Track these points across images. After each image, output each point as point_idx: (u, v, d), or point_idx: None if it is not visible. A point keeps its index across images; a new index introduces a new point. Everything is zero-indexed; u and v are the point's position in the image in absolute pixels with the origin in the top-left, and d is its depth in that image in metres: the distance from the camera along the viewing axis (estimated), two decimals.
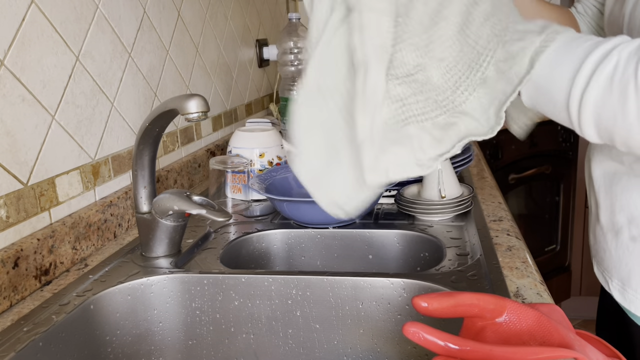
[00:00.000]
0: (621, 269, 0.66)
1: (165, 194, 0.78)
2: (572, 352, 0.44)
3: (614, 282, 0.68)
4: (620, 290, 0.67)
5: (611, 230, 0.67)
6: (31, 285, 0.72)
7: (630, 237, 0.64)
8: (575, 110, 0.45)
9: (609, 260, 0.68)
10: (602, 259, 0.70)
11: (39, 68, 0.76)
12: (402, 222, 0.92)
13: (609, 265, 0.69)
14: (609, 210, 0.68)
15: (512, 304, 0.49)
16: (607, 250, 0.69)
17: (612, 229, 0.67)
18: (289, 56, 1.49)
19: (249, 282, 0.74)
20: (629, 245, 0.64)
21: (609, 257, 0.68)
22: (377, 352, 0.73)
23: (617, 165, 0.67)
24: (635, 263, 0.64)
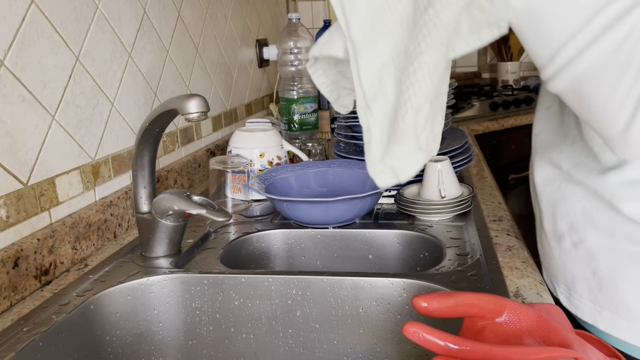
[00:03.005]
0: (566, 275, 0.66)
1: (165, 194, 0.78)
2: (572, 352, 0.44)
3: (561, 287, 0.68)
4: (566, 295, 0.67)
5: (554, 236, 0.67)
6: (31, 285, 0.72)
7: (571, 243, 0.64)
8: (560, 64, 0.43)
9: (555, 266, 0.68)
10: (548, 265, 0.70)
11: (39, 68, 0.76)
12: (402, 222, 0.92)
13: (555, 271, 0.69)
14: (551, 217, 0.67)
15: (512, 304, 0.49)
16: (552, 256, 0.68)
17: (555, 235, 0.67)
18: (289, 56, 1.49)
19: (249, 282, 0.74)
20: (571, 252, 0.64)
21: (554, 263, 0.68)
22: (377, 352, 0.73)
23: (556, 171, 0.66)
24: (578, 269, 0.64)
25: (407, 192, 0.98)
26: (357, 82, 0.46)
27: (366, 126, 0.47)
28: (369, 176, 1.01)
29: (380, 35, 0.45)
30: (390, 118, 0.46)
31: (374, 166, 0.47)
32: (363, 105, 0.47)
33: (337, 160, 1.07)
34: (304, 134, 1.49)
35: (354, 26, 0.46)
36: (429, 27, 0.42)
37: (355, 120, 1.13)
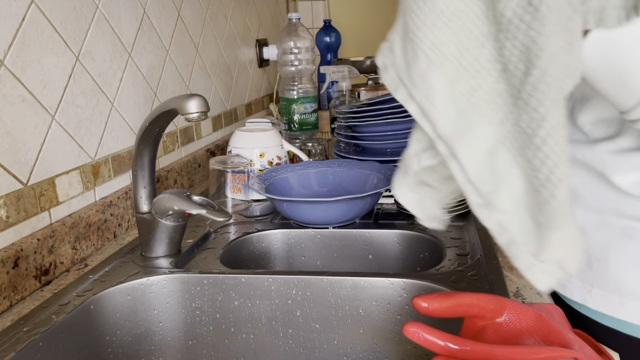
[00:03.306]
0: None
1: (165, 194, 0.78)
2: (572, 352, 0.44)
3: None
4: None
5: None
6: (31, 285, 0.72)
7: None
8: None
9: None
10: None
11: (39, 68, 0.76)
12: (402, 222, 0.92)
13: None
14: None
15: (512, 304, 0.49)
16: None
17: None
18: (289, 56, 1.49)
19: (249, 282, 0.74)
20: None
21: None
22: (377, 352, 0.73)
23: None
24: None
25: None
26: (462, 180, 0.41)
27: (497, 225, 0.40)
28: (369, 176, 1.01)
29: (473, 121, 0.40)
30: (530, 204, 0.39)
31: (531, 269, 0.40)
32: (480, 203, 0.41)
33: (337, 160, 1.07)
34: (304, 134, 1.49)
35: (441, 122, 0.41)
36: (541, 88, 0.37)
37: (355, 120, 1.13)
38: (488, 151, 0.40)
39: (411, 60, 0.42)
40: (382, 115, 1.08)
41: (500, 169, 0.40)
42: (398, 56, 0.45)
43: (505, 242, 0.40)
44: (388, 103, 1.10)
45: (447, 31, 0.40)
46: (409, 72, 0.43)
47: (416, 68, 0.42)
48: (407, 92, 0.43)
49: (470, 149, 0.41)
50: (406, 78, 0.43)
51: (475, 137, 0.40)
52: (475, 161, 0.40)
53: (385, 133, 1.08)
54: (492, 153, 0.40)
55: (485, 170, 0.40)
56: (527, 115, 0.38)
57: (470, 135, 0.40)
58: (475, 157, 0.40)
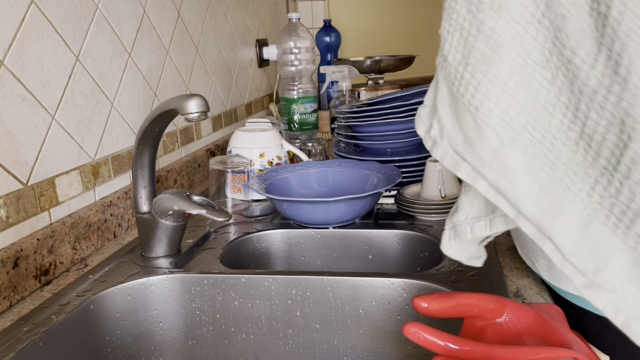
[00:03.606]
0: None
1: (165, 194, 0.78)
2: (572, 352, 0.44)
3: (540, 261, 0.65)
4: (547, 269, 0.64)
5: None
6: (31, 285, 0.72)
7: None
8: None
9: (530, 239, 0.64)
10: (524, 241, 0.67)
11: (38, 68, 0.76)
12: (402, 222, 0.92)
13: (530, 244, 0.65)
14: None
15: (512, 304, 0.49)
16: None
17: None
18: (289, 56, 1.49)
19: (249, 282, 0.74)
20: None
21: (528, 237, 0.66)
22: (377, 352, 0.73)
23: None
24: None
25: (407, 192, 0.98)
26: (560, 260, 0.39)
27: (611, 305, 0.37)
28: (369, 176, 1.01)
29: (561, 197, 0.38)
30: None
31: None
32: (586, 284, 0.38)
33: (337, 160, 1.07)
34: (304, 134, 1.49)
35: (525, 203, 0.39)
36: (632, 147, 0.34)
37: (355, 120, 1.13)
38: (582, 227, 0.38)
39: (474, 136, 0.40)
40: (382, 115, 1.08)
41: (599, 245, 0.37)
42: (450, 129, 0.42)
43: (623, 321, 0.37)
44: (388, 103, 1.10)
45: (514, 104, 0.38)
46: (473, 149, 0.40)
47: (484, 145, 0.39)
48: (471, 169, 0.41)
49: (564, 228, 0.38)
50: (469, 155, 0.41)
51: (567, 214, 0.38)
52: (571, 239, 0.38)
53: (385, 133, 1.08)
54: (587, 228, 0.37)
55: (584, 248, 0.38)
56: (627, 189, 0.36)
57: (561, 213, 0.38)
58: (570, 235, 0.38)
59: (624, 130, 0.35)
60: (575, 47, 0.36)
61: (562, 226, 0.38)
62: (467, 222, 0.46)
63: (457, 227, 0.47)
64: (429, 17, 2.18)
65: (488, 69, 0.39)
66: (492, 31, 0.38)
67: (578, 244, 0.38)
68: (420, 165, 1.04)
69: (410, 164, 1.05)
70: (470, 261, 0.49)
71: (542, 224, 0.39)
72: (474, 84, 0.39)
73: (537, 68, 0.38)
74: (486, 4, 0.38)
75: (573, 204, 0.38)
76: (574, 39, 0.36)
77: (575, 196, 0.38)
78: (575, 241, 0.38)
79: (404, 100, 1.10)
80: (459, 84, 0.40)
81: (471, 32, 0.39)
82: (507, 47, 0.38)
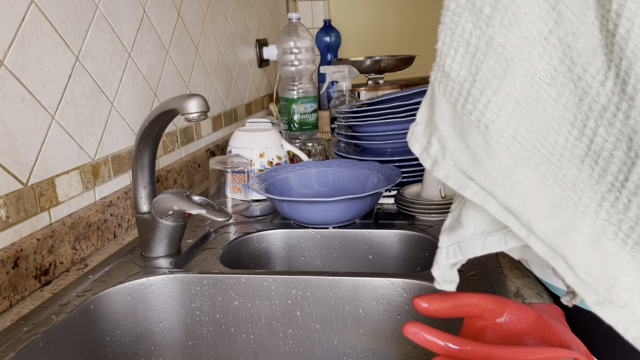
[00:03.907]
0: None
1: (165, 194, 0.78)
2: (572, 352, 0.44)
3: None
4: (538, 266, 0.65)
5: None
6: (31, 286, 0.72)
7: None
8: None
9: None
10: None
11: (38, 68, 0.76)
12: (402, 222, 0.92)
13: None
14: None
15: (513, 304, 0.49)
16: None
17: None
18: (289, 56, 1.49)
19: (249, 282, 0.74)
20: None
21: None
22: (377, 352, 0.73)
23: None
24: None
25: (407, 192, 0.98)
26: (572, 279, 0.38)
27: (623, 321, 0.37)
28: (369, 176, 1.01)
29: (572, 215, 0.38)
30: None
31: None
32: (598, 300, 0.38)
33: (337, 160, 1.07)
34: (304, 134, 1.49)
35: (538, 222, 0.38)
36: None
37: (355, 120, 1.13)
38: (591, 244, 0.38)
39: (483, 154, 0.39)
40: (382, 115, 1.08)
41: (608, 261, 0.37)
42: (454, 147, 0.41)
43: (635, 336, 0.37)
44: (388, 103, 1.10)
45: (525, 122, 0.38)
46: (482, 167, 0.40)
47: (495, 164, 0.39)
48: (480, 188, 0.40)
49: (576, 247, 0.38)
50: (478, 174, 0.40)
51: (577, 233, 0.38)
52: (582, 257, 0.38)
53: (385, 133, 1.08)
54: (596, 245, 0.38)
55: (595, 265, 0.38)
56: (636, 206, 0.36)
57: (572, 232, 0.38)
58: (581, 253, 0.38)
59: (631, 148, 0.35)
60: (586, 64, 0.36)
61: (573, 244, 0.38)
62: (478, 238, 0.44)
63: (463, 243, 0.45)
64: (429, 17, 2.18)
65: (499, 86, 0.38)
66: (502, 47, 0.38)
67: (589, 261, 0.38)
68: (420, 165, 1.04)
69: (410, 164, 1.05)
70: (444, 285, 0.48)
71: (555, 243, 0.38)
72: (483, 102, 0.39)
73: (543, 85, 0.38)
74: (496, 19, 0.38)
75: (582, 222, 0.38)
76: (585, 56, 0.36)
77: (583, 213, 0.38)
78: (586, 259, 0.38)
79: (404, 100, 1.10)
80: (464, 101, 0.39)
81: (479, 47, 0.38)
82: (518, 64, 0.38)
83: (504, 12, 0.37)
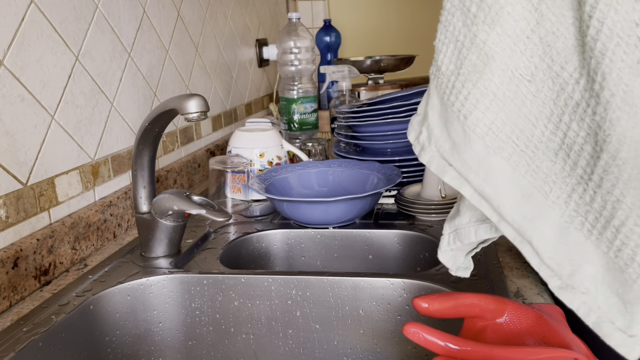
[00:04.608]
0: None
1: (165, 194, 0.78)
2: (572, 353, 0.44)
3: None
4: None
5: None
6: (31, 286, 0.72)
7: None
8: None
9: None
10: None
11: (38, 68, 0.76)
12: (402, 222, 0.92)
13: None
14: None
15: (513, 305, 0.49)
16: None
17: None
18: (289, 56, 1.49)
19: (249, 282, 0.74)
20: None
21: None
22: (377, 352, 0.73)
23: None
24: None
25: (407, 192, 0.98)
26: (538, 264, 0.41)
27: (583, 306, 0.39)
28: (369, 176, 1.01)
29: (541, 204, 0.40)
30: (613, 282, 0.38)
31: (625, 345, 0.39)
32: (562, 285, 0.40)
33: (337, 160, 1.07)
34: (304, 134, 1.49)
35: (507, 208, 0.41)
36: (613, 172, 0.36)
37: (355, 120, 1.13)
38: (559, 233, 0.40)
39: (461, 142, 0.42)
40: (382, 115, 1.08)
41: (574, 250, 0.39)
42: (438, 135, 0.44)
43: (594, 322, 0.39)
44: (388, 103, 1.10)
45: (501, 114, 0.40)
46: (459, 155, 0.42)
47: (471, 152, 0.42)
48: (457, 174, 0.43)
49: (543, 234, 0.40)
50: (455, 160, 0.43)
51: (545, 221, 0.40)
52: (548, 244, 0.40)
53: (385, 133, 1.08)
54: (563, 234, 0.40)
55: (560, 252, 0.40)
56: (600, 198, 0.38)
57: (540, 220, 0.40)
58: (548, 240, 0.40)
59: (597, 142, 0.37)
60: (564, 62, 0.38)
61: (541, 232, 0.40)
62: (472, 225, 0.47)
63: (459, 230, 0.48)
64: (429, 17, 2.18)
65: (479, 79, 0.40)
66: (484, 44, 0.40)
67: (555, 248, 0.40)
68: (420, 165, 1.04)
69: (410, 164, 1.05)
70: (458, 272, 0.51)
71: (523, 229, 0.41)
72: (464, 93, 0.41)
73: (523, 81, 0.40)
74: (480, 17, 0.40)
75: (551, 211, 0.40)
76: (563, 55, 0.38)
77: (553, 203, 0.40)
78: (552, 246, 0.40)
79: (404, 100, 1.10)
80: (450, 92, 0.42)
81: (465, 44, 0.41)
82: (498, 59, 0.40)
83: (487, 11, 0.40)
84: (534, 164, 0.40)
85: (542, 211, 0.40)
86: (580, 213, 0.39)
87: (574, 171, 0.39)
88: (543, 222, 0.40)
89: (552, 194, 0.40)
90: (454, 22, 0.42)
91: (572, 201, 0.39)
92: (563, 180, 0.40)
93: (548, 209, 0.40)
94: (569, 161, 0.39)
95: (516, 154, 0.40)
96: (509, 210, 0.41)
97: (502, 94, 0.40)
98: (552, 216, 0.40)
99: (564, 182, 0.40)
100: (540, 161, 0.40)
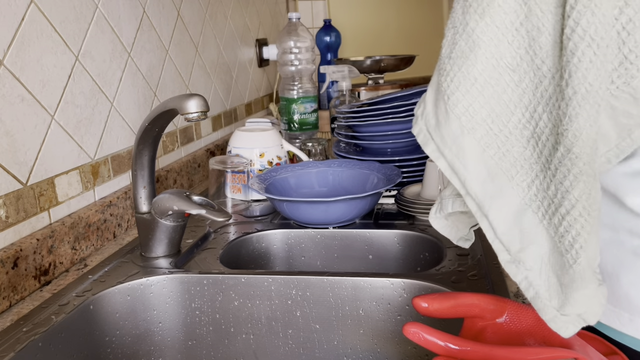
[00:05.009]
0: None
1: (165, 194, 0.78)
2: (572, 352, 0.44)
3: (624, 315, 0.68)
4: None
5: None
6: (30, 286, 0.72)
7: None
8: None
9: None
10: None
11: (38, 68, 0.76)
12: (402, 222, 0.92)
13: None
14: None
15: (513, 305, 0.49)
16: None
17: None
18: (289, 56, 1.49)
19: (249, 282, 0.74)
20: None
21: None
22: (377, 352, 0.73)
23: None
24: None
25: (407, 192, 0.98)
26: (492, 237, 0.44)
27: (525, 281, 0.43)
28: (369, 176, 1.01)
29: (503, 184, 0.44)
30: (554, 264, 0.42)
31: (555, 320, 0.42)
32: (510, 259, 0.44)
33: (337, 160, 1.07)
34: (304, 134, 1.49)
35: (471, 183, 0.44)
36: (566, 164, 0.39)
37: (355, 120, 1.13)
38: (516, 213, 0.43)
39: (442, 120, 0.46)
40: (382, 115, 1.08)
41: (527, 230, 0.43)
42: (429, 111, 0.48)
43: (532, 296, 0.42)
44: (388, 103, 1.10)
45: (480, 98, 0.43)
46: (439, 131, 0.46)
47: (448, 129, 0.45)
48: (436, 147, 0.46)
49: (500, 210, 0.43)
50: (436, 135, 0.46)
51: (505, 200, 0.43)
52: (504, 221, 0.43)
53: (385, 133, 1.08)
54: (520, 215, 0.43)
55: (514, 230, 0.43)
56: (554, 186, 0.41)
57: (500, 198, 0.43)
58: (504, 217, 0.43)
59: (557, 134, 0.40)
60: (545, 56, 0.41)
61: (498, 209, 0.44)
62: (451, 197, 0.51)
63: (443, 200, 0.52)
64: (429, 17, 2.18)
65: (463, 64, 0.44)
66: (472, 31, 0.43)
67: (510, 226, 0.43)
68: (420, 165, 1.04)
69: (410, 164, 1.05)
70: (459, 242, 0.56)
71: (482, 204, 0.44)
72: (451, 76, 0.45)
73: (507, 70, 0.43)
74: (473, 7, 0.43)
75: (514, 192, 0.43)
76: (545, 50, 0.41)
77: (517, 186, 0.43)
78: (507, 223, 0.44)
79: (404, 100, 1.09)
80: (441, 74, 0.46)
81: (458, 30, 0.44)
82: (483, 47, 0.43)
83: (480, 1, 0.43)
84: (504, 147, 0.43)
85: (502, 191, 0.44)
86: (539, 198, 0.42)
87: (539, 159, 0.42)
88: (502, 200, 0.43)
89: (517, 176, 0.43)
90: (457, 10, 0.45)
91: (534, 186, 0.42)
92: (530, 166, 0.43)
93: (510, 190, 0.43)
94: (537, 149, 0.42)
95: (488, 136, 0.44)
96: (473, 185, 0.44)
97: (483, 80, 0.43)
98: (513, 197, 0.43)
99: (530, 167, 0.43)
100: (512, 146, 0.43)
